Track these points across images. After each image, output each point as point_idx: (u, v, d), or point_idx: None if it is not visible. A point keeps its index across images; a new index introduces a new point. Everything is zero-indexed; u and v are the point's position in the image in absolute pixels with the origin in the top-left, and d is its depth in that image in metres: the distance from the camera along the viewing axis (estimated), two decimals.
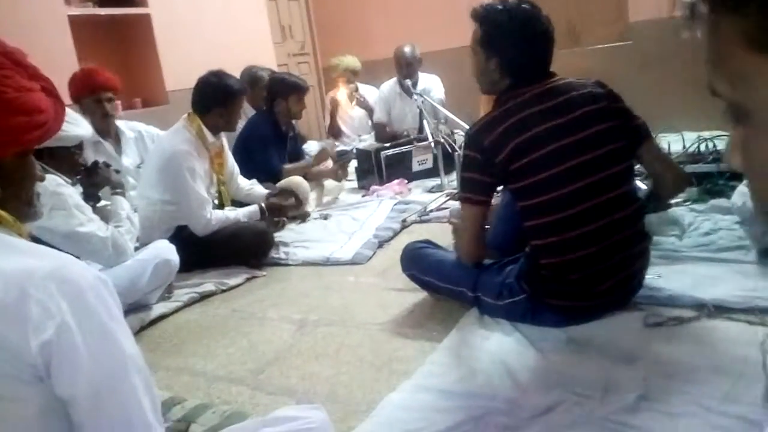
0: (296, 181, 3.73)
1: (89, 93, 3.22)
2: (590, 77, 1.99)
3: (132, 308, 2.43)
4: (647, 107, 1.99)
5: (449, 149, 3.83)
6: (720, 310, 1.88)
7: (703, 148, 3.12)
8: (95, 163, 2.59)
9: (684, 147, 3.18)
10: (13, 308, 0.80)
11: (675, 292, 2.00)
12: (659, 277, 2.11)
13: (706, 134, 3.22)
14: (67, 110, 2.26)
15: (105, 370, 0.84)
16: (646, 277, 2.02)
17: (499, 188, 2.06)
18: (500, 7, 1.91)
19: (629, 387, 1.55)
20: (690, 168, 2.94)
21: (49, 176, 2.23)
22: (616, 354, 1.72)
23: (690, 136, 3.28)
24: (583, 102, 1.86)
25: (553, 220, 1.83)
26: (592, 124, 1.84)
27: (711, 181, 2.92)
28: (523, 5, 1.89)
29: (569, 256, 1.84)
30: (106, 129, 3.34)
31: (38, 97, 0.96)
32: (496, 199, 2.13)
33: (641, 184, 2.05)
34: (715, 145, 3.09)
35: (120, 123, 3.46)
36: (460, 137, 4.20)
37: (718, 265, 2.19)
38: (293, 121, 4.10)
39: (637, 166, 2.03)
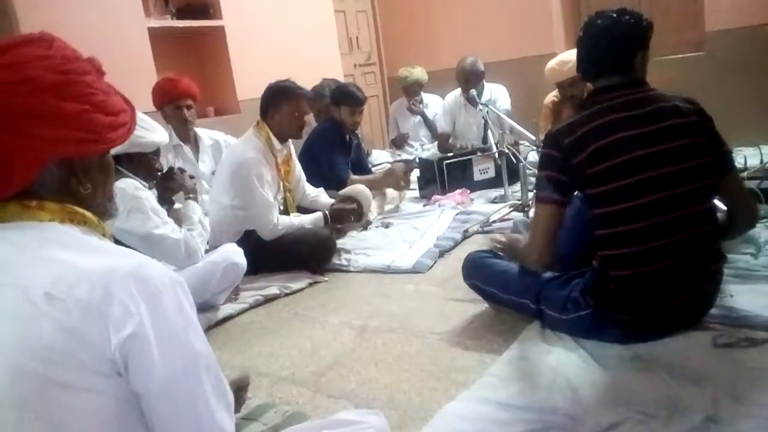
0: (359, 188, 3.78)
1: (170, 101, 3.40)
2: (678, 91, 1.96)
3: (200, 308, 2.52)
4: (723, 120, 1.93)
5: (514, 160, 3.80)
6: None
7: None
8: (171, 168, 2.72)
9: (762, 161, 3.05)
10: (96, 306, 0.84)
11: (748, 313, 1.93)
12: (732, 296, 2.04)
13: None
14: (145, 117, 2.41)
15: (175, 370, 0.88)
16: (719, 296, 1.95)
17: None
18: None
19: (696, 408, 1.50)
20: (767, 184, 2.82)
21: (128, 180, 2.36)
22: (683, 373, 1.67)
23: None
24: (670, 114, 1.82)
25: (627, 231, 1.79)
26: (677, 137, 1.80)
27: None
28: (607, 12, 1.90)
29: (640, 270, 1.79)
30: (186, 135, 3.51)
31: (118, 99, 1.02)
32: None
33: (720, 204, 1.98)
34: None
35: (200, 130, 3.63)
36: (525, 148, 4.17)
37: None
38: (357, 131, 4.17)
39: None
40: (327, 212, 3.31)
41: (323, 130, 4.03)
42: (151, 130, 2.39)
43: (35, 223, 0.92)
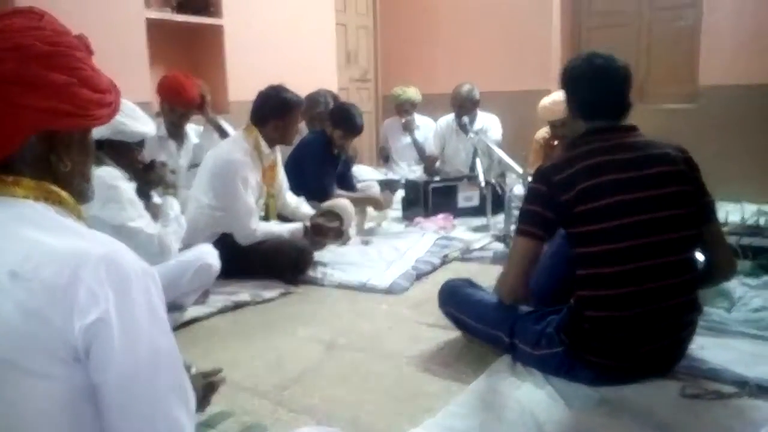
0: (342, 203, 3.74)
1: (168, 102, 3.36)
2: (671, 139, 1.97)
3: (167, 308, 2.45)
4: (707, 173, 1.95)
5: (499, 191, 3.81)
6: (763, 390, 1.80)
7: (762, 221, 3.03)
8: (153, 161, 2.65)
9: (743, 218, 3.09)
10: (62, 290, 0.82)
11: (717, 366, 1.93)
12: (702, 348, 2.04)
13: None
14: (134, 107, 2.37)
15: (135, 363, 0.85)
16: (690, 347, 1.95)
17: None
18: (581, 54, 1.99)
19: None
20: (746, 240, 2.86)
21: (107, 169, 2.31)
22: (648, 421, 1.66)
23: (750, 208, 3.20)
24: (660, 161, 1.84)
25: (606, 273, 1.79)
26: (665, 184, 1.81)
27: (766, 256, 2.82)
28: (600, 53, 1.93)
29: (616, 313, 1.79)
30: (174, 132, 3.48)
31: (105, 79, 1.01)
32: None
33: (700, 256, 2.00)
34: None
35: (188, 126, 3.59)
36: (512, 180, 4.18)
37: (764, 344, 2.11)
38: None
39: None
40: (307, 224, 3.27)
41: (313, 142, 3.99)
42: (138, 120, 2.35)
43: (9, 199, 0.90)
